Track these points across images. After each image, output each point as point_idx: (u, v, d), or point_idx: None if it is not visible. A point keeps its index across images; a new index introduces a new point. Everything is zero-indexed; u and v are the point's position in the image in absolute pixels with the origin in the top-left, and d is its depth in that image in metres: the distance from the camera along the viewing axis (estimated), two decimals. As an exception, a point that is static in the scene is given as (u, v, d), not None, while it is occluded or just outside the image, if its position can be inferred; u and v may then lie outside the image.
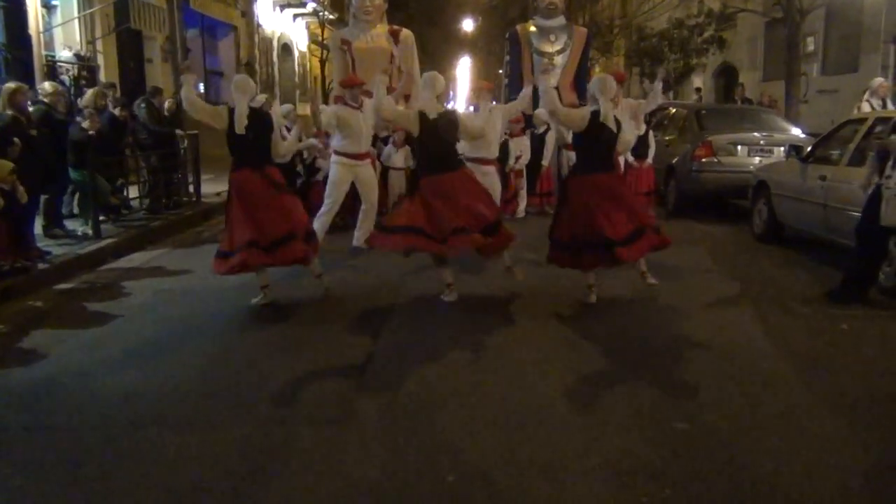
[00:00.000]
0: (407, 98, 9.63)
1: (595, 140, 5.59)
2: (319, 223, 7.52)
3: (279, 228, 5.54)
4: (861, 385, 4.17)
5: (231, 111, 5.57)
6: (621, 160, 9.64)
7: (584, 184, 5.63)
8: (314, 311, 5.69)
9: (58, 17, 12.98)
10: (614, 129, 5.57)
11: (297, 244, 5.61)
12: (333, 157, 7.73)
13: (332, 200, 7.65)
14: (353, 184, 7.76)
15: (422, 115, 5.71)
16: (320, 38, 23.76)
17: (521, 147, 9.76)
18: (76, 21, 13.09)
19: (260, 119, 5.67)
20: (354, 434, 3.54)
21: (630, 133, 6.02)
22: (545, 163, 10.31)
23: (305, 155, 9.03)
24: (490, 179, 7.69)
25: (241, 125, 5.52)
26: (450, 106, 6.47)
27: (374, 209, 7.95)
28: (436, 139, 5.71)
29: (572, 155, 7.31)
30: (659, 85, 7.20)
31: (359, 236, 7.73)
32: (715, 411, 3.80)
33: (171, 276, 6.89)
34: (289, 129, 8.81)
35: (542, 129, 10.20)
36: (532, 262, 6.81)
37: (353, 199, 8.17)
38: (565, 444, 3.43)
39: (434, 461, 3.27)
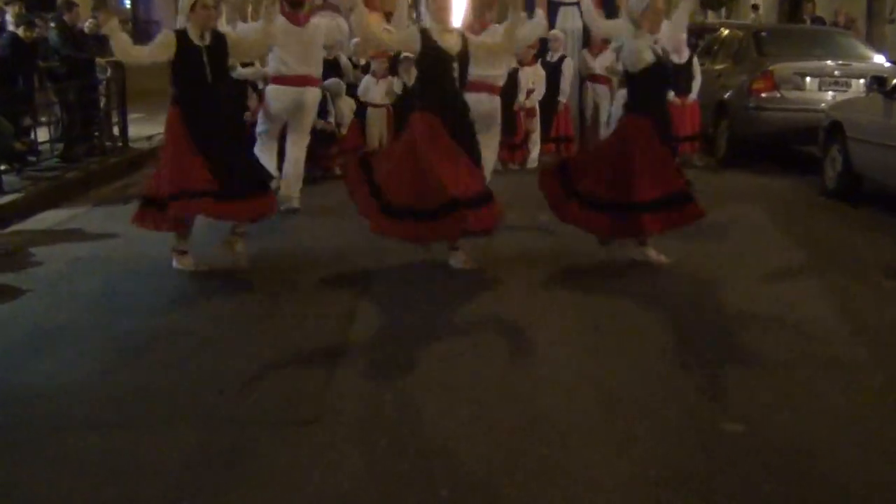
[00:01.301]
0: (388, 16, 9.46)
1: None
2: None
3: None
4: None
5: (182, 34, 5.60)
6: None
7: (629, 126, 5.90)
8: (274, 283, 5.67)
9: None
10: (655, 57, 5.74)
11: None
12: (268, 89, 7.65)
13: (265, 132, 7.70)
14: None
15: (424, 33, 5.72)
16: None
17: (535, 78, 9.61)
18: (-34, -85, 12.85)
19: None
20: (326, 437, 3.54)
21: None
22: (562, 99, 10.20)
23: (261, 86, 8.94)
24: (490, 109, 7.45)
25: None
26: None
27: (302, 149, 7.81)
28: (441, 67, 5.70)
29: (624, 93, 7.28)
30: None
31: (283, 195, 7.53)
32: (775, 410, 3.82)
33: (91, 241, 6.85)
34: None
35: (556, 57, 10.06)
36: (546, 225, 6.80)
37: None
38: (586, 450, 3.45)
39: (424, 470, 3.28)
